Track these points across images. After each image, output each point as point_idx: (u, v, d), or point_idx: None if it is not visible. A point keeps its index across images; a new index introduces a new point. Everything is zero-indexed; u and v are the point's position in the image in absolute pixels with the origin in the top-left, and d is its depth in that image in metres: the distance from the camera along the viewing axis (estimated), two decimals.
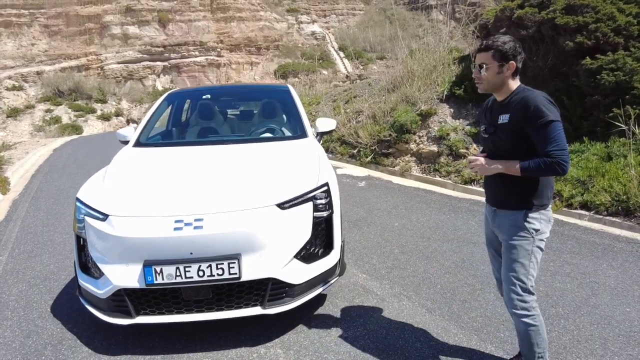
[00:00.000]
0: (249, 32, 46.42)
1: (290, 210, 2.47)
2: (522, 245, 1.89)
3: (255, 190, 2.52)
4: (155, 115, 3.83)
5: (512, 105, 1.89)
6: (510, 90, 1.93)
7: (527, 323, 1.91)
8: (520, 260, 1.90)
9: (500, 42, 1.87)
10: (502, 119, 1.92)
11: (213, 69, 44.47)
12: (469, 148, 7.12)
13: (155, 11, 41.71)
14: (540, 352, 1.94)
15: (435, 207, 5.22)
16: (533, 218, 1.88)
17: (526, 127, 1.82)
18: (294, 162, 2.89)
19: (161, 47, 41.85)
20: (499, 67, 1.88)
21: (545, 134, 1.77)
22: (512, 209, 1.92)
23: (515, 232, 1.90)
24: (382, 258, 3.70)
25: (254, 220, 2.35)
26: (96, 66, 40.07)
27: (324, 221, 2.66)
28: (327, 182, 2.72)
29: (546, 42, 6.61)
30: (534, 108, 1.79)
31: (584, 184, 5.17)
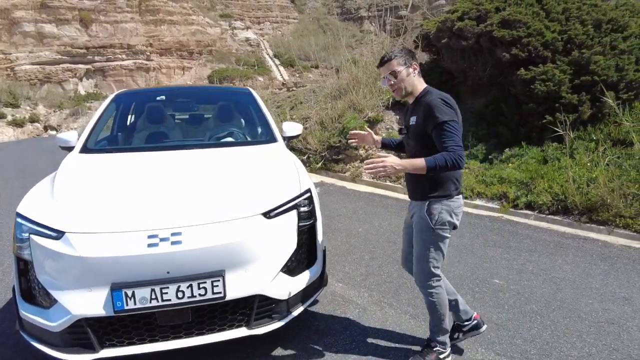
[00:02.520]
0: (181, 36, 44.68)
1: (275, 219, 2.29)
2: (423, 235, 2.11)
3: (238, 198, 2.31)
4: (103, 118, 3.42)
5: (419, 107, 2.08)
6: (418, 92, 2.12)
7: (430, 300, 2.19)
8: (423, 248, 2.13)
9: (397, 51, 2.12)
10: (412, 120, 2.11)
11: (142, 73, 42.12)
12: None
13: (75, 9, 38.60)
14: (438, 323, 2.22)
15: (393, 211, 5.27)
16: (434, 208, 2.07)
17: (427, 128, 2.00)
18: (272, 168, 2.71)
19: (83, 49, 38.78)
20: (407, 70, 2.08)
21: (443, 132, 1.94)
22: (419, 200, 2.13)
23: (419, 222, 2.12)
24: (354, 265, 3.62)
25: (239, 231, 2.14)
26: (5, 66, 36.08)
27: (307, 230, 2.51)
28: (309, 188, 2.59)
29: (485, 53, 7.03)
30: (431, 110, 1.97)
31: (527, 185, 5.52)
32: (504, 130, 6.68)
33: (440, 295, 2.19)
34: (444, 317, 2.22)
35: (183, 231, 2.05)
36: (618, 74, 5.85)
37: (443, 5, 38.09)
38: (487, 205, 5.56)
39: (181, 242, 2.02)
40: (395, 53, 2.10)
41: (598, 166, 5.07)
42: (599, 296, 3.02)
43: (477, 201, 5.77)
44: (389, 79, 2.10)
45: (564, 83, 6.04)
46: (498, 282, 3.25)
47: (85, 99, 35.83)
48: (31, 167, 10.31)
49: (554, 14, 6.61)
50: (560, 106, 5.96)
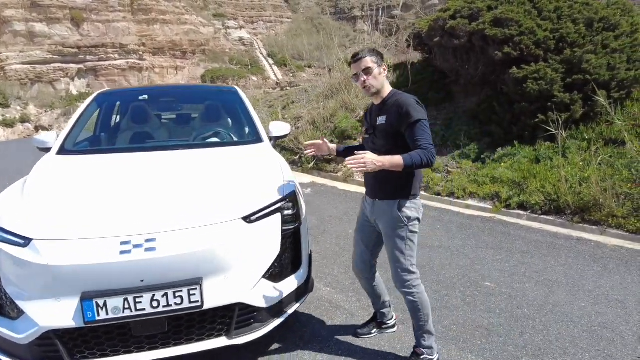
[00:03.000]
0: (174, 36, 44.43)
1: (257, 223, 2.20)
2: (398, 233, 2.15)
3: (217, 201, 2.21)
4: (83, 118, 3.31)
5: (388, 107, 2.13)
6: (386, 93, 2.18)
7: (412, 300, 2.20)
8: (398, 246, 2.16)
9: (370, 49, 2.17)
10: (380, 120, 2.15)
11: (135, 72, 41.84)
12: None
13: (67, 8, 38.26)
14: (423, 324, 2.23)
15: None
16: (406, 207, 2.13)
17: (400, 126, 2.05)
18: (256, 169, 2.61)
19: (75, 48, 38.44)
20: (379, 68, 2.13)
21: (417, 131, 2.01)
22: (389, 199, 2.15)
23: (391, 221, 2.15)
24: (342, 268, 3.54)
25: (217, 237, 2.04)
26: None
27: (291, 234, 2.42)
28: (294, 190, 2.49)
29: (477, 51, 6.98)
30: (405, 109, 2.03)
31: (519, 185, 5.47)
32: (496, 130, 6.63)
33: (421, 295, 2.21)
34: (428, 317, 2.23)
35: (158, 237, 1.95)
36: (610, 73, 5.82)
37: (436, 5, 38.13)
38: (479, 206, 5.50)
39: (155, 248, 1.92)
40: (371, 51, 2.15)
41: (590, 165, 5.02)
42: (592, 299, 2.96)
43: (470, 201, 5.71)
44: (361, 76, 2.14)
45: (556, 82, 6.00)
46: (489, 285, 3.18)
47: (77, 98, 35.51)
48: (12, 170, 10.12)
49: (546, 12, 6.57)
50: (552, 105, 5.91)
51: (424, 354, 2.23)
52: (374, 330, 2.57)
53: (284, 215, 2.36)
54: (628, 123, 5.65)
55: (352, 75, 2.22)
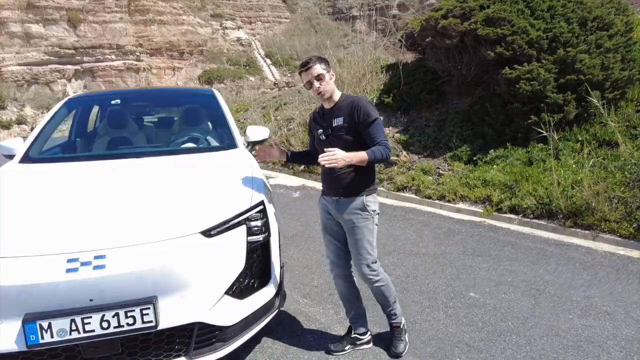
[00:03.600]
0: (171, 36, 44.26)
1: (218, 237, 2.07)
2: (366, 226, 2.26)
3: (174, 215, 2.08)
4: (51, 124, 3.18)
5: (343, 109, 2.26)
6: (337, 97, 2.31)
7: (378, 286, 2.34)
8: (367, 237, 2.26)
9: (318, 57, 2.28)
10: (336, 122, 2.26)
11: (132, 73, 41.66)
12: (400, 155, 7.15)
13: (63, 9, 38.08)
14: (393, 299, 2.41)
15: None
16: (370, 201, 2.27)
17: (358, 125, 2.20)
18: (223, 178, 2.49)
19: (72, 49, 38.25)
20: (328, 74, 2.25)
21: (375, 128, 2.19)
22: (354, 195, 2.26)
23: (358, 215, 2.25)
24: (323, 278, 3.41)
25: (172, 253, 1.91)
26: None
27: (259, 246, 2.30)
28: (262, 200, 2.37)
29: (469, 51, 6.85)
30: (363, 109, 2.20)
31: (510, 188, 5.34)
32: (489, 131, 6.50)
33: (385, 278, 2.38)
34: (395, 296, 2.44)
35: (107, 254, 1.83)
36: (603, 73, 5.69)
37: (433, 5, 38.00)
38: (470, 209, 5.38)
39: (104, 266, 1.79)
40: (319, 58, 2.27)
41: (583, 168, 4.90)
42: (580, 310, 2.83)
43: (460, 204, 5.58)
44: (315, 83, 2.22)
45: (549, 82, 5.87)
46: (474, 296, 3.06)
47: None
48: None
49: (539, 11, 6.44)
50: (545, 106, 5.79)
51: (401, 322, 2.46)
52: (348, 347, 2.45)
53: (250, 227, 2.24)
54: (622, 124, 5.53)
55: (304, 83, 2.28)
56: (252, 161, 2.97)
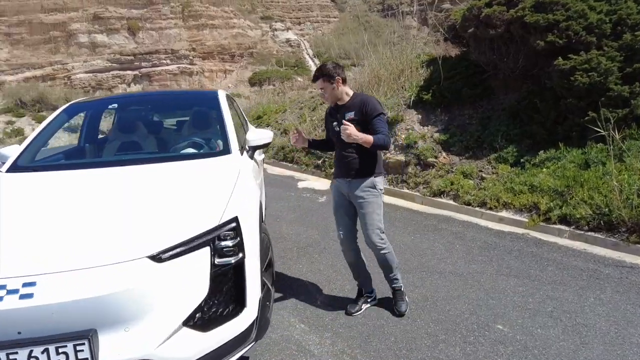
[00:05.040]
0: (222, 40, 45.63)
1: (172, 261, 1.79)
2: (375, 201, 2.69)
3: (123, 236, 1.83)
4: (46, 130, 3.09)
5: (354, 105, 2.68)
6: (349, 96, 2.74)
7: (384, 253, 2.75)
8: (376, 211, 2.69)
9: (323, 69, 2.66)
10: (348, 115, 2.66)
11: (185, 77, 43.44)
12: (438, 157, 6.58)
13: (124, 19, 40.51)
14: (396, 265, 2.82)
15: (399, 227, 4.61)
16: (378, 181, 2.71)
17: (366, 118, 2.61)
18: (196, 191, 2.21)
19: (131, 56, 40.59)
20: (330, 85, 2.66)
21: (379, 122, 2.61)
22: (366, 177, 2.68)
23: (369, 192, 2.67)
24: (329, 299, 3.05)
25: (114, 280, 1.66)
26: (62, 76, 38.49)
27: (231, 270, 2.00)
28: (236, 216, 2.06)
29: (516, 41, 6.14)
30: (370, 105, 2.63)
31: (562, 195, 4.66)
32: (538, 130, 5.77)
33: (390, 247, 2.78)
34: (397, 263, 2.84)
35: (38, 280, 1.60)
36: None
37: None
38: (514, 219, 4.76)
39: (33, 294, 1.57)
40: (322, 72, 2.66)
41: None
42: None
43: (503, 213, 4.97)
44: (321, 93, 2.78)
45: (612, 72, 5.08)
46: (501, 329, 2.56)
47: None
48: None
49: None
50: (606, 100, 5.01)
51: (402, 286, 2.88)
52: (363, 305, 2.88)
53: (220, 248, 1.94)
54: None
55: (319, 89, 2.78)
56: (245, 168, 2.68)
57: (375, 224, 2.68)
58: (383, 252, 2.73)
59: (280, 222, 4.85)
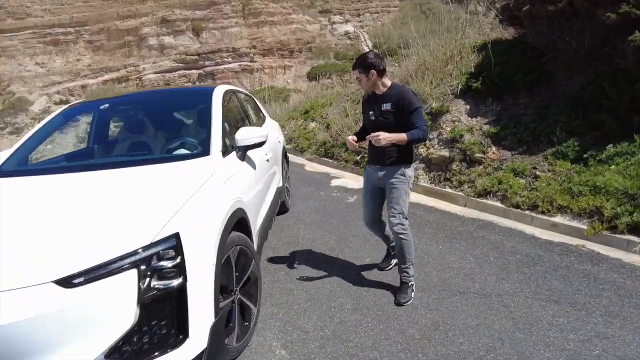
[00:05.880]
0: (281, 36, 46.22)
1: (87, 287, 1.54)
2: (403, 187, 2.80)
3: (34, 256, 1.60)
4: (39, 133, 3.01)
5: (391, 96, 2.75)
6: (386, 86, 2.78)
7: (402, 239, 2.81)
8: (402, 196, 2.80)
9: (360, 60, 2.76)
10: (385, 106, 2.75)
11: (246, 74, 44.68)
12: (487, 151, 5.86)
13: (189, 20, 42.49)
14: (410, 258, 2.87)
15: (428, 233, 4.08)
16: (407, 170, 2.81)
17: (403, 111, 2.69)
18: (139, 202, 1.93)
19: (195, 55, 42.54)
20: (366, 77, 2.73)
21: (416, 115, 2.68)
22: (397, 165, 2.79)
23: (398, 179, 2.79)
24: (323, 319, 2.67)
25: (11, 308, 1.43)
26: (135, 77, 41.37)
27: (174, 293, 1.71)
28: (177, 232, 1.76)
29: (581, 16, 5.23)
30: (407, 99, 2.69)
31: (633, 198, 3.85)
32: (607, 119, 4.87)
33: (410, 236, 2.84)
34: (413, 253, 2.89)
35: None
36: None
37: None
38: (570, 225, 4.03)
39: None
40: (360, 62, 2.75)
41: None
42: None
43: (557, 218, 4.24)
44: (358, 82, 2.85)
45: None
46: None
47: None
48: None
49: None
50: None
51: (411, 281, 2.88)
52: (393, 261, 3.24)
53: (156, 269, 1.66)
54: None
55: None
56: (222, 172, 2.39)
57: (400, 208, 2.79)
58: (402, 237, 2.79)
59: (299, 225, 4.53)
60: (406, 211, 2.82)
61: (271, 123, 4.86)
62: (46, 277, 1.51)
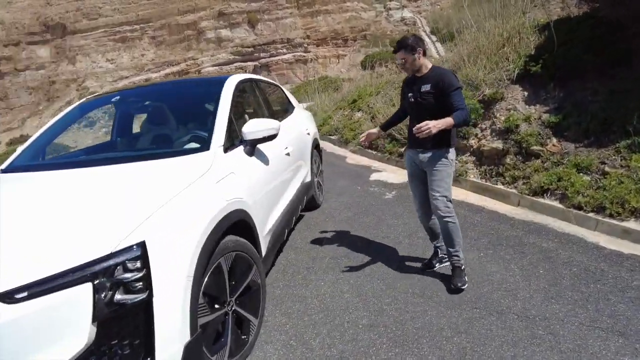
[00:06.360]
0: (335, 25, 45.68)
1: (32, 302, 1.36)
2: (445, 170, 2.80)
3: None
4: (54, 127, 2.97)
5: (430, 78, 2.74)
6: (427, 68, 2.78)
7: (448, 222, 2.79)
8: (445, 179, 2.80)
9: (404, 42, 2.75)
10: (424, 87, 2.75)
11: (300, 65, 44.77)
12: (546, 143, 5.18)
13: (244, 12, 43.24)
14: (458, 241, 2.85)
15: (470, 237, 3.61)
16: (449, 152, 2.79)
17: (443, 92, 2.66)
18: (110, 205, 1.74)
19: (251, 47, 43.27)
20: (412, 56, 2.72)
21: (457, 96, 2.64)
22: (438, 149, 2.77)
23: (441, 162, 2.77)
24: (333, 336, 2.37)
25: None
26: (194, 70, 42.97)
27: (138, 309, 1.51)
28: (143, 241, 1.55)
29: None
30: (447, 80, 2.67)
31: None
32: None
33: (455, 218, 2.81)
34: (460, 238, 2.85)
35: None
36: None
37: None
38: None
39: None
40: (403, 44, 2.73)
41: None
42: None
43: (630, 223, 3.60)
44: (400, 64, 2.83)
45: None
46: None
47: None
48: None
49: None
50: None
51: (462, 264, 2.83)
52: (437, 264, 3.08)
53: (117, 282, 1.47)
54: None
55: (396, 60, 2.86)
56: (212, 172, 2.16)
57: (443, 191, 2.76)
58: (446, 219, 2.76)
59: (328, 223, 4.24)
60: (449, 195, 2.78)
61: (300, 114, 4.60)
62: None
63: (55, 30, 42.41)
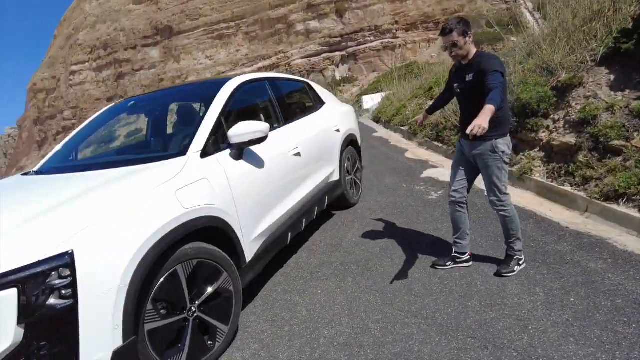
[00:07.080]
0: (426, 8, 43.59)
1: None
2: (495, 164, 2.68)
3: None
4: (85, 129, 3.24)
5: (474, 66, 2.62)
6: (472, 55, 2.66)
7: (505, 216, 2.75)
8: (496, 174, 2.69)
9: (456, 23, 2.61)
10: (468, 77, 2.66)
11: (388, 51, 43.73)
12: (632, 138, 4.32)
13: (332, 2, 43.36)
14: (514, 233, 2.78)
15: (503, 250, 3.15)
16: (499, 143, 2.65)
17: (482, 76, 2.50)
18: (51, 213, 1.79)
19: (339, 37, 43.38)
20: (464, 39, 2.59)
21: (492, 77, 2.43)
22: (485, 139, 2.63)
23: (489, 156, 2.67)
24: (302, 352, 2.22)
25: None
26: (284, 63, 44.50)
27: (64, 314, 1.58)
28: (71, 250, 1.60)
29: None
30: (488, 63, 2.52)
31: None
32: None
33: (513, 210, 2.77)
34: (519, 228, 2.78)
35: None
36: None
37: None
38: None
39: None
40: (455, 25, 2.58)
41: None
42: None
43: None
44: (449, 48, 2.62)
45: None
46: None
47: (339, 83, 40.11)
48: None
49: None
50: None
51: (516, 255, 2.79)
52: (449, 263, 2.95)
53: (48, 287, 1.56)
54: None
55: (442, 46, 2.76)
56: (179, 178, 2.16)
57: (492, 187, 2.72)
58: (503, 214, 2.74)
59: (355, 224, 4.05)
60: (504, 188, 2.70)
61: (330, 111, 4.41)
62: None
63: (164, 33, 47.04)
